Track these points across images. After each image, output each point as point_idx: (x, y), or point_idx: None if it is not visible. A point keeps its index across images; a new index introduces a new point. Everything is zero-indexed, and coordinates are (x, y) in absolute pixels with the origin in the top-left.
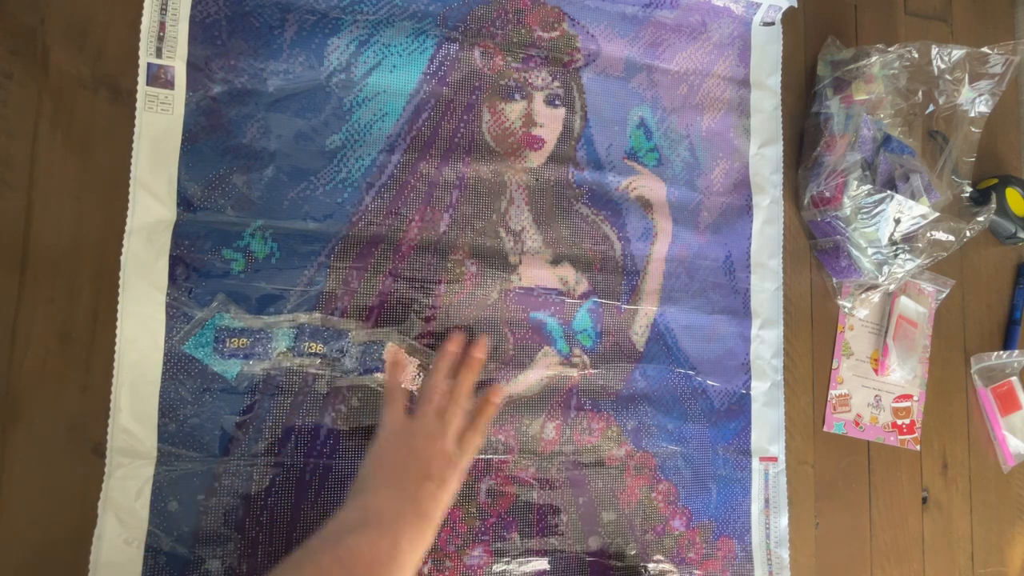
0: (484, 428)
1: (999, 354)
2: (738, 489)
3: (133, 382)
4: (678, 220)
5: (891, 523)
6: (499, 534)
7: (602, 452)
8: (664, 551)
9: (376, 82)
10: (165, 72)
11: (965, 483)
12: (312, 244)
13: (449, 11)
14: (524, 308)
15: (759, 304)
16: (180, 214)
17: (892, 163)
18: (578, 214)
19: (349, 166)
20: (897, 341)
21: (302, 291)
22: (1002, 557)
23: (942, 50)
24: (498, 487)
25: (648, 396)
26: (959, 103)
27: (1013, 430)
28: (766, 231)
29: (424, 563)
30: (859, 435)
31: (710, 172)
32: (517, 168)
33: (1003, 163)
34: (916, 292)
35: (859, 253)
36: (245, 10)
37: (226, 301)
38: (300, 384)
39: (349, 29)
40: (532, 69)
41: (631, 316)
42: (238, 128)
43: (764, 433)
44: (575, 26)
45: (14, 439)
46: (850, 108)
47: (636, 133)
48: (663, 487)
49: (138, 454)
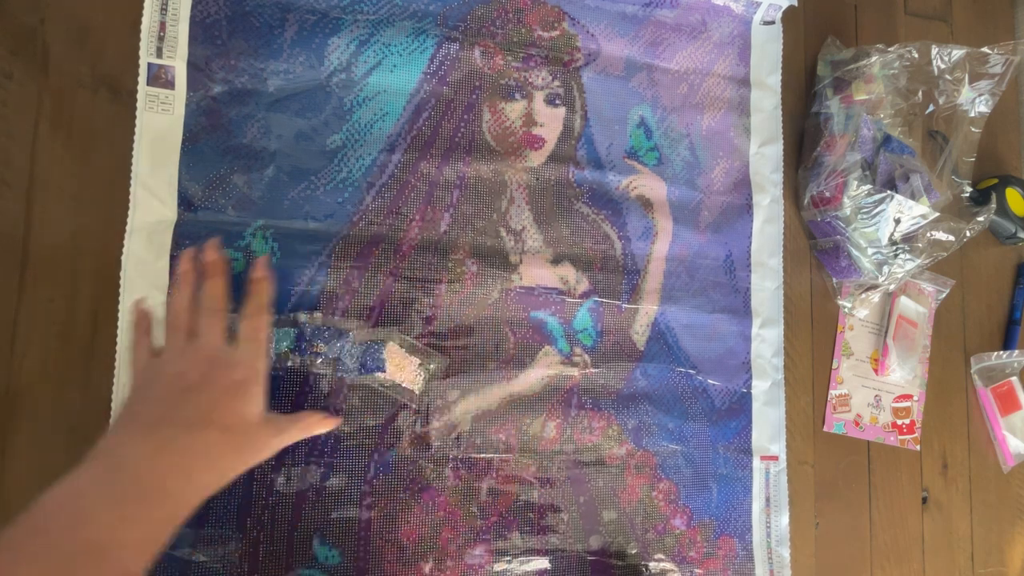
0: (258, 310)
1: (999, 354)
2: (739, 488)
3: None
4: (678, 219)
5: (891, 523)
6: (500, 533)
7: (603, 451)
8: (665, 550)
9: (376, 82)
10: (165, 72)
11: (965, 483)
12: (313, 244)
13: (449, 11)
14: (525, 307)
15: (759, 303)
16: (181, 214)
17: (892, 163)
18: (578, 213)
19: (350, 166)
20: (897, 341)
21: (303, 291)
22: (1002, 557)
23: (942, 50)
24: (499, 486)
25: (649, 395)
26: (959, 103)
27: (1013, 430)
28: (766, 230)
29: (426, 562)
30: (859, 435)
31: (710, 171)
32: (517, 167)
33: (1003, 163)
34: (916, 292)
35: (859, 253)
36: (245, 10)
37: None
38: (301, 384)
39: (349, 29)
40: (532, 68)
41: (632, 315)
42: (239, 128)
43: (765, 432)
44: (575, 25)
45: (14, 439)
46: (850, 108)
47: (636, 132)
48: (664, 486)
49: None
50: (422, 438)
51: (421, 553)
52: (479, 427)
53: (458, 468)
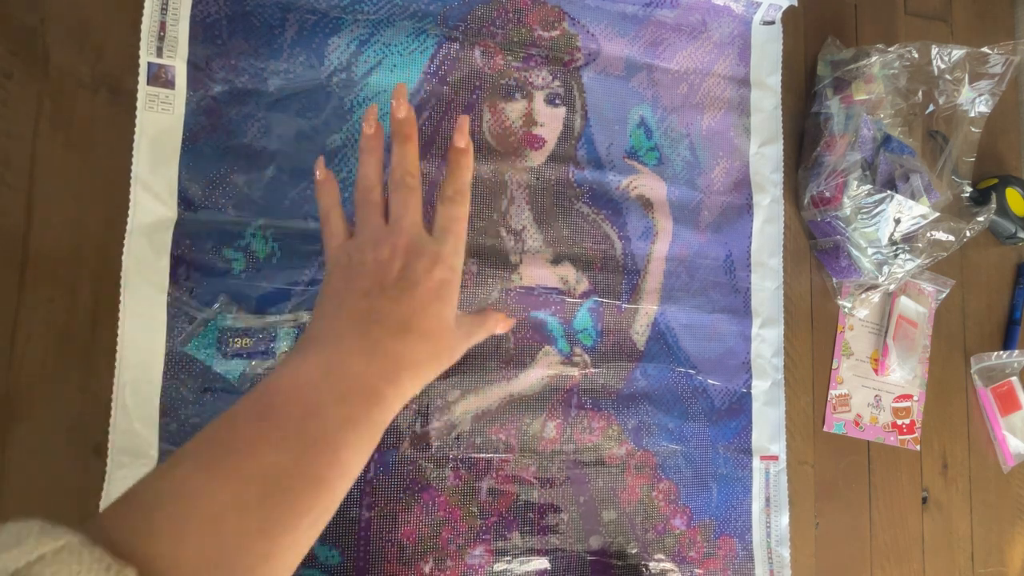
0: (459, 193)
1: (999, 354)
2: (739, 488)
3: (135, 381)
4: (678, 219)
5: (891, 523)
6: (500, 533)
7: (603, 451)
8: (665, 550)
9: (377, 81)
10: (166, 72)
11: (965, 483)
12: (313, 243)
13: (449, 10)
14: (525, 307)
15: (759, 303)
16: (181, 213)
17: (892, 163)
18: (579, 213)
19: (350, 165)
20: (897, 341)
21: (303, 290)
22: (1002, 557)
23: (942, 50)
24: (499, 486)
25: (649, 395)
26: (959, 103)
27: (1013, 430)
28: (766, 230)
29: (426, 562)
30: (859, 435)
31: (710, 171)
32: (518, 167)
33: (1003, 163)
34: (916, 292)
35: (859, 253)
36: (246, 10)
37: (228, 302)
38: None
39: (349, 28)
40: (532, 68)
41: (632, 315)
42: (239, 128)
43: (765, 432)
44: (575, 25)
45: (14, 439)
46: (850, 108)
47: (636, 132)
48: (664, 486)
49: (140, 454)
50: (422, 438)
51: (421, 553)
52: (479, 427)
53: (458, 468)
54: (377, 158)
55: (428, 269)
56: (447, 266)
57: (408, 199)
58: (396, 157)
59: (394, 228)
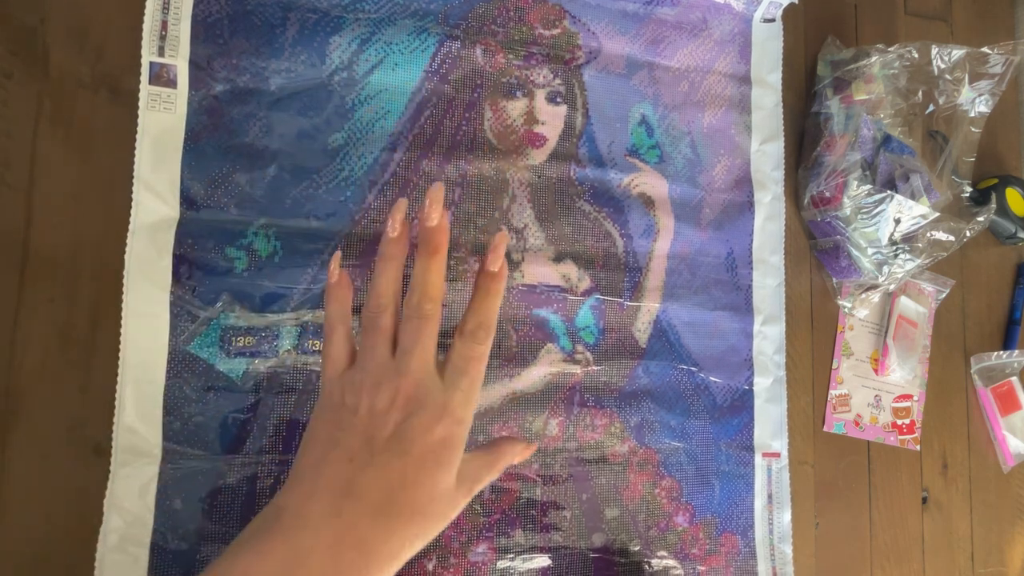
0: (483, 326)
1: (999, 354)
2: (741, 485)
3: (137, 380)
4: (680, 217)
5: (891, 523)
6: (503, 531)
7: (605, 448)
8: (668, 547)
9: (378, 80)
10: (167, 71)
11: (965, 483)
12: (315, 242)
13: (450, 9)
14: (527, 305)
15: (761, 300)
16: (183, 213)
17: (892, 163)
18: (580, 211)
19: (351, 164)
20: (897, 341)
21: (305, 289)
22: (1002, 557)
23: (942, 50)
24: (501, 484)
25: (651, 392)
26: (959, 103)
27: (1013, 430)
28: (768, 227)
29: (429, 560)
30: (859, 435)
31: (712, 169)
32: (519, 165)
33: (1003, 163)
34: (916, 292)
35: (859, 253)
36: (247, 9)
37: (231, 301)
38: (304, 381)
39: (351, 27)
40: (534, 67)
41: (633, 313)
42: (240, 127)
43: (767, 429)
44: (576, 23)
45: (14, 439)
46: (850, 108)
47: (638, 130)
48: (666, 483)
49: (143, 452)
50: None
51: (424, 550)
52: (481, 425)
53: None
54: (396, 268)
55: (429, 427)
56: (454, 420)
57: (422, 329)
58: (418, 274)
59: (400, 366)
